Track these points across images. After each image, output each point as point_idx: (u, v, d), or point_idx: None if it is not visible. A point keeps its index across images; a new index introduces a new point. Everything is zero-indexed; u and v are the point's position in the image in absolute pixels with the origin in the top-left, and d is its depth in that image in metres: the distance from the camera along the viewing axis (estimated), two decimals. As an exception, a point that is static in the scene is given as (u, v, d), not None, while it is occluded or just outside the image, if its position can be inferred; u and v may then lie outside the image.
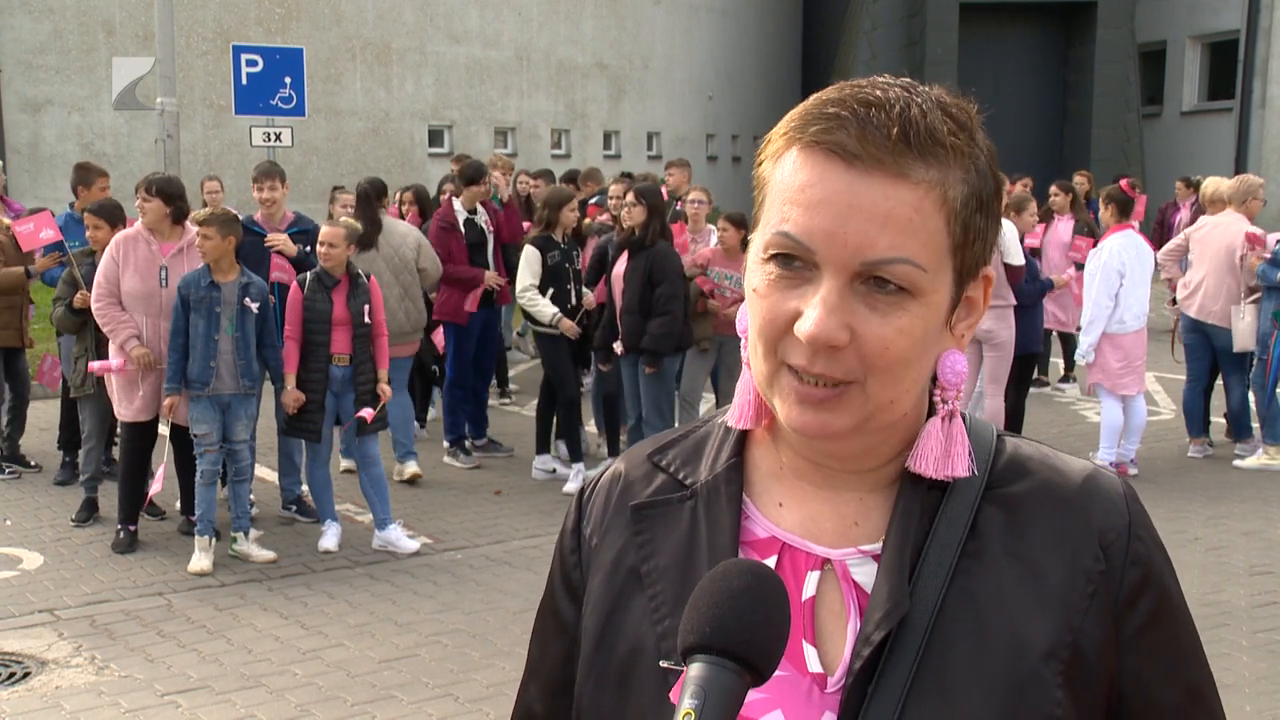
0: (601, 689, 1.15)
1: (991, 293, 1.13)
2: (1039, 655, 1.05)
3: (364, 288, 6.77)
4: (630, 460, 1.25)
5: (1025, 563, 1.08)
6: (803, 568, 1.11)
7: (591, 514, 1.24)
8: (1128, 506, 1.12)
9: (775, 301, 1.04)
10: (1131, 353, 8.15)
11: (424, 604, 5.98)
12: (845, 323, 1.01)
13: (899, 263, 1.01)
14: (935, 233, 1.02)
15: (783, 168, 1.05)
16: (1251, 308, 8.37)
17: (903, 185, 1.01)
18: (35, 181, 17.62)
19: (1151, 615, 1.10)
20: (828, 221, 1.01)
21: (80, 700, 4.88)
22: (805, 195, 1.02)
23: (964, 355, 1.12)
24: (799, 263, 1.03)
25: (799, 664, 1.08)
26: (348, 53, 20.10)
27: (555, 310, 7.88)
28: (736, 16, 26.69)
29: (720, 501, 1.15)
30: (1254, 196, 8.67)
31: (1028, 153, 21.79)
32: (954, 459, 1.10)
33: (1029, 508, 1.10)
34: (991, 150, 1.08)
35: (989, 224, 1.08)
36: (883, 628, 1.04)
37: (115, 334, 6.60)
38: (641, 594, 1.15)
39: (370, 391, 6.77)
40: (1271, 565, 6.50)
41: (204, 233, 6.34)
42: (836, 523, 1.13)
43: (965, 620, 1.05)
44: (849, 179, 1.01)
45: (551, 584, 1.26)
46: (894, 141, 1.00)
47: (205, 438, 6.46)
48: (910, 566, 1.07)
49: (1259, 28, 21.76)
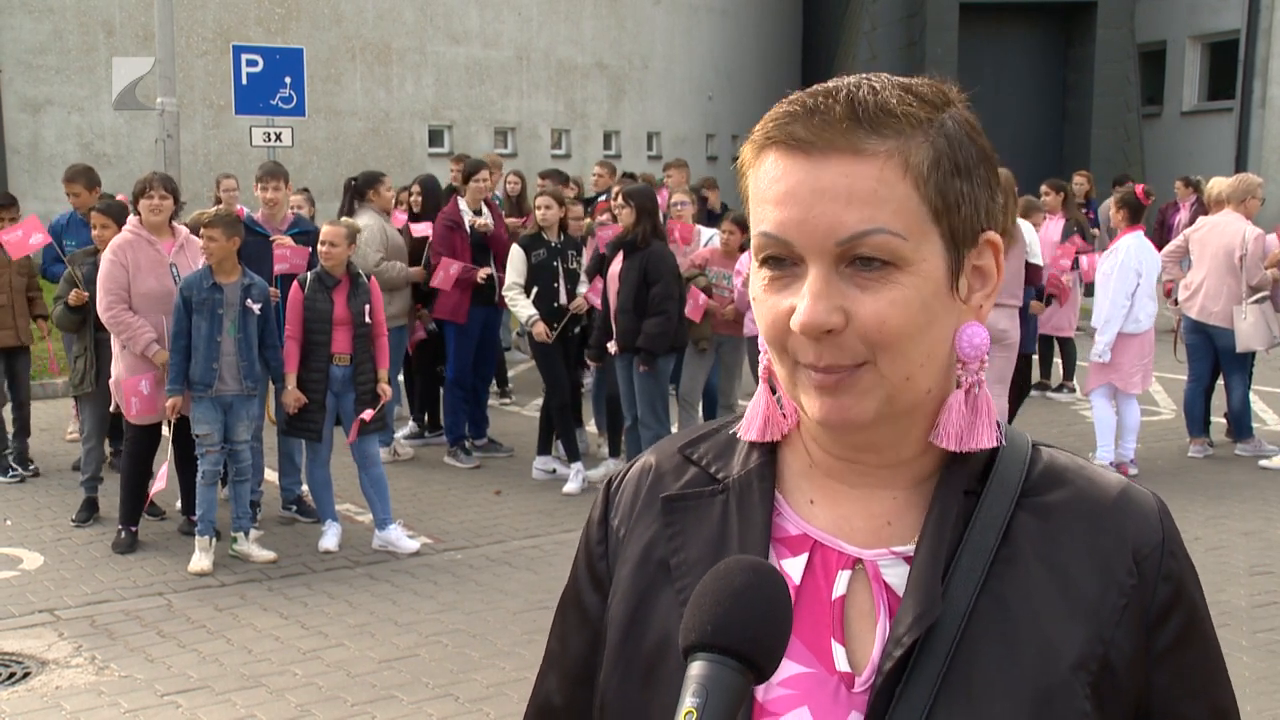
0: (628, 680, 1.15)
1: (1002, 288, 1.13)
2: (1068, 665, 1.04)
3: (364, 287, 6.78)
4: (661, 453, 1.25)
5: (1058, 571, 1.07)
6: (834, 566, 1.11)
7: (620, 505, 1.23)
8: (1161, 522, 1.11)
9: (773, 303, 1.06)
10: (1145, 352, 8.19)
11: (424, 604, 5.98)
12: (836, 306, 1.02)
13: (873, 234, 1.01)
14: (905, 199, 1.02)
15: (755, 174, 1.08)
16: (1254, 308, 8.37)
17: (860, 160, 1.02)
18: (35, 181, 17.62)
19: (1181, 633, 1.10)
20: (797, 211, 1.02)
21: (80, 700, 4.88)
22: (773, 191, 1.04)
23: (984, 327, 1.10)
24: (787, 260, 1.04)
25: (827, 662, 1.08)
26: (348, 53, 20.09)
27: (533, 313, 7.92)
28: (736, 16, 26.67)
29: (752, 496, 1.15)
30: (1252, 195, 8.66)
31: (1028, 153, 21.79)
32: (978, 430, 1.09)
33: (1063, 517, 1.10)
34: (969, 121, 1.08)
35: (975, 189, 1.07)
36: (914, 630, 1.03)
37: (134, 341, 6.55)
38: (670, 586, 1.14)
39: (370, 391, 6.78)
40: (1271, 565, 6.50)
41: (209, 234, 6.34)
42: (869, 522, 1.12)
43: (996, 626, 1.05)
44: (808, 166, 1.03)
45: (576, 575, 1.26)
46: (842, 120, 1.02)
47: (207, 438, 6.46)
48: (943, 570, 1.06)
49: (1259, 28, 21.76)
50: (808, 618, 1.09)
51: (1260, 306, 8.38)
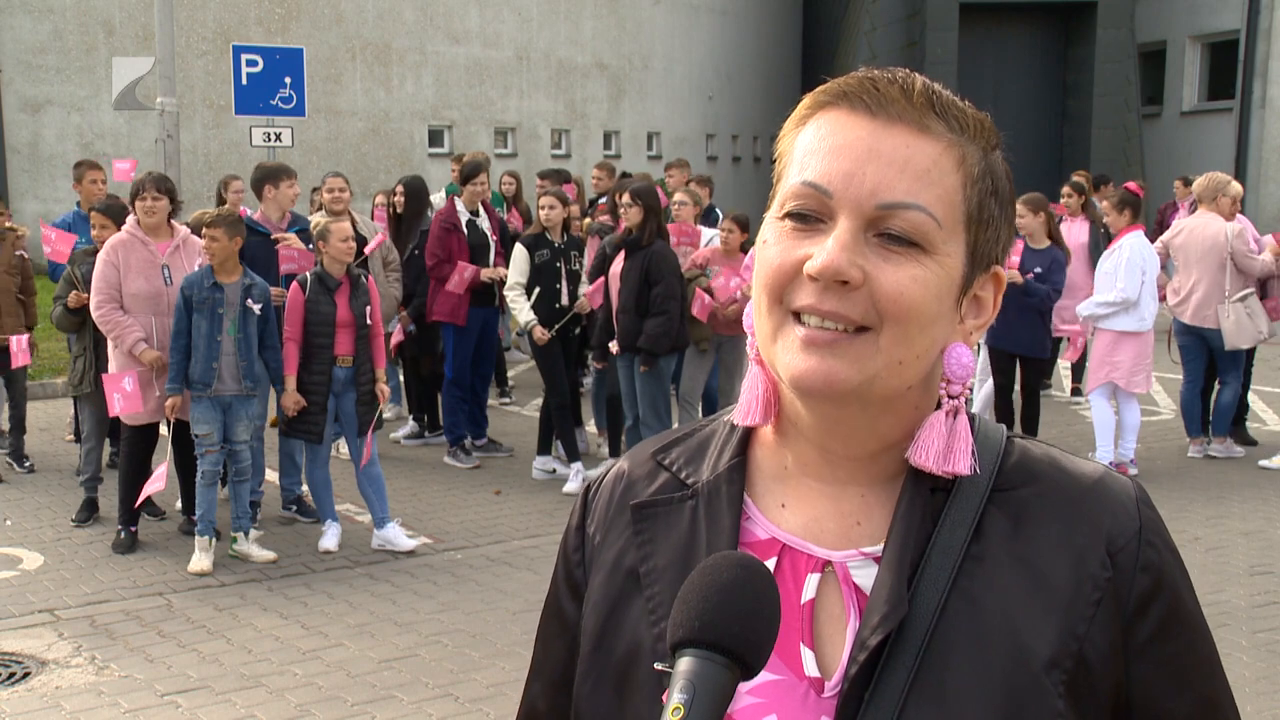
0: (599, 690, 1.14)
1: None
2: (1041, 664, 1.02)
3: (364, 288, 6.78)
4: (634, 458, 1.24)
5: (1029, 567, 1.05)
6: (803, 570, 1.10)
7: (595, 512, 1.22)
8: (1139, 511, 1.09)
9: (786, 249, 1.04)
10: (1147, 352, 8.22)
11: (424, 604, 5.98)
12: (857, 262, 1.01)
13: (914, 209, 1.01)
14: (951, 190, 1.03)
15: (805, 133, 1.08)
16: (1235, 307, 8.37)
17: (924, 138, 1.03)
18: (35, 181, 17.62)
19: (1162, 624, 1.07)
20: (847, 164, 1.03)
21: (80, 700, 4.88)
22: (826, 144, 1.04)
23: (970, 351, 1.09)
24: (813, 217, 1.04)
25: (796, 668, 1.06)
26: (348, 53, 20.09)
27: (531, 317, 7.93)
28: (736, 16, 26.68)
29: (721, 502, 1.13)
30: (1223, 194, 8.67)
31: (1028, 153, 21.80)
32: (955, 455, 1.07)
33: (1035, 511, 1.07)
34: (1007, 168, 1.11)
35: (1002, 215, 1.08)
36: (879, 632, 1.01)
37: (122, 339, 6.57)
38: (639, 595, 1.13)
39: (370, 392, 6.79)
40: (1271, 565, 6.50)
41: (211, 234, 6.35)
42: (839, 523, 1.10)
43: (966, 625, 1.03)
44: (871, 128, 1.03)
45: (555, 582, 1.26)
46: (917, 98, 1.04)
47: (206, 438, 6.46)
48: (912, 569, 1.04)
49: (1259, 28, 21.76)
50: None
51: (1241, 305, 8.38)
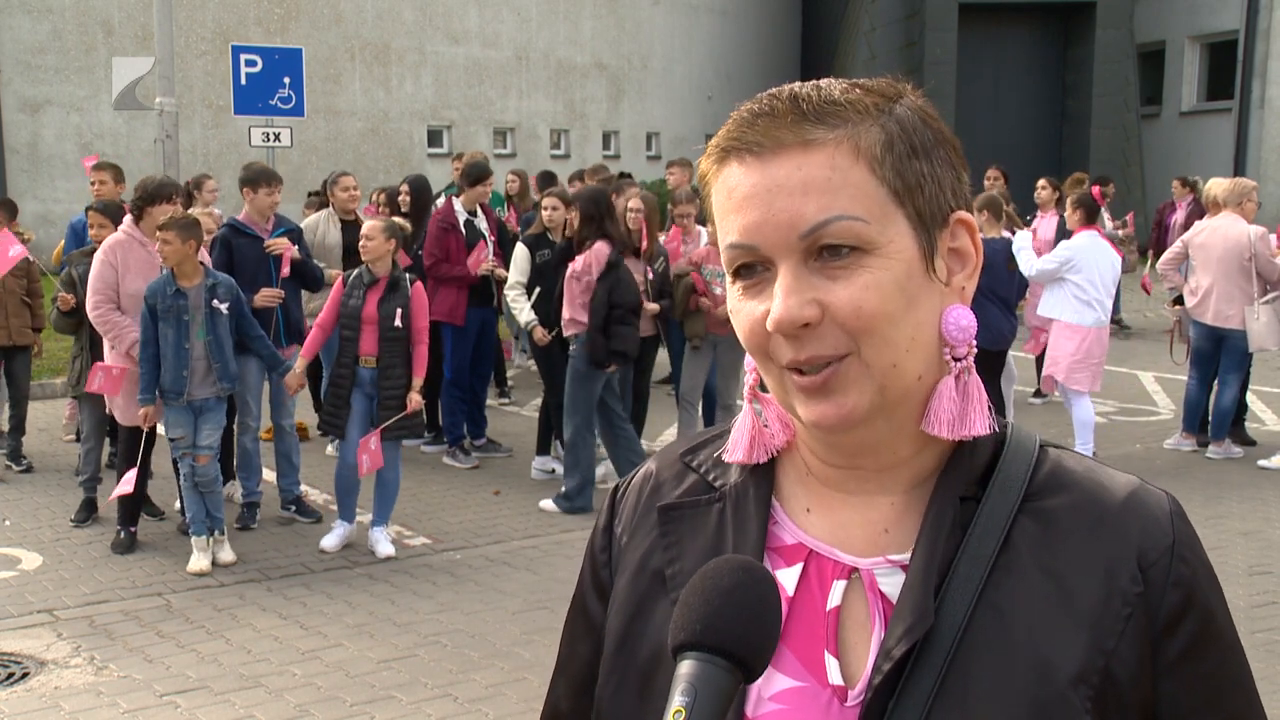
0: (622, 692, 1.14)
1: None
2: (1067, 678, 1.00)
3: (403, 291, 6.57)
4: (662, 459, 1.23)
5: (1058, 580, 1.03)
6: (829, 576, 1.08)
7: (623, 513, 1.22)
8: (1173, 525, 1.06)
9: (748, 311, 1.05)
10: (1090, 349, 8.25)
11: (423, 604, 5.98)
12: (809, 299, 1.00)
13: (834, 221, 1.00)
14: (861, 183, 1.01)
15: (716, 197, 1.08)
16: (1266, 308, 8.39)
17: (810, 151, 1.02)
18: (34, 182, 17.62)
19: (1193, 641, 1.05)
20: (757, 213, 1.02)
21: (79, 700, 4.88)
22: (734, 200, 1.04)
23: (967, 309, 1.07)
24: (758, 267, 1.04)
25: (820, 675, 1.05)
26: (347, 53, 20.09)
27: (532, 317, 7.91)
28: (736, 16, 26.67)
29: (748, 505, 1.13)
30: (1248, 199, 8.70)
31: (1027, 153, 21.79)
32: (970, 417, 1.06)
33: (1066, 523, 1.06)
34: (923, 108, 1.08)
35: (937, 169, 1.06)
36: (905, 642, 1.00)
37: (120, 340, 6.55)
38: (665, 597, 1.12)
39: (396, 398, 6.55)
40: (1271, 565, 6.50)
41: (163, 237, 6.16)
42: (866, 530, 1.09)
43: (993, 637, 1.02)
44: (762, 167, 1.03)
45: (582, 582, 1.25)
46: (786, 116, 1.02)
47: (183, 441, 6.42)
48: (939, 578, 1.03)
49: (1258, 28, 21.76)
50: (801, 630, 1.07)
51: (1273, 306, 8.40)
